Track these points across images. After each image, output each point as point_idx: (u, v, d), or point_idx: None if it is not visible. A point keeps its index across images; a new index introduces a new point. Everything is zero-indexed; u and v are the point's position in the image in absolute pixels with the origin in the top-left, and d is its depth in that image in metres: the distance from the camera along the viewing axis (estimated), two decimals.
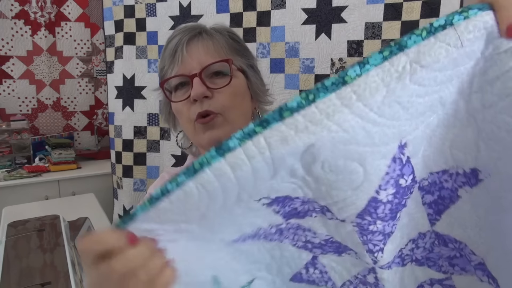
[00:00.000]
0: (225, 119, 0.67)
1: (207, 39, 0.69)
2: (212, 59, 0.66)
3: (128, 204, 2.08)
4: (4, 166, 2.48)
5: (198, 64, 0.67)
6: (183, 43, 0.67)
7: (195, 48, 0.67)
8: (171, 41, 0.69)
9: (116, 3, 2.01)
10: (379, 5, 1.42)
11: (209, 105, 0.66)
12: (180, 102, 0.68)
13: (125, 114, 2.03)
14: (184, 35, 0.68)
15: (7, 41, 2.63)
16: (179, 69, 0.67)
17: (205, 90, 0.65)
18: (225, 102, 0.67)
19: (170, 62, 0.68)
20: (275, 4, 1.61)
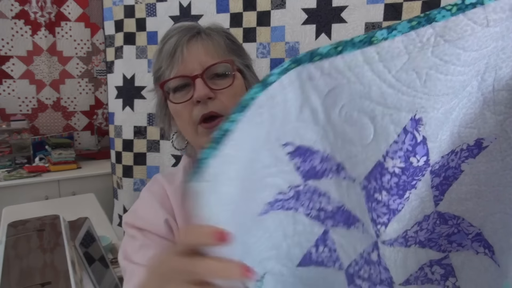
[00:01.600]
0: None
1: (206, 39, 0.68)
2: (212, 60, 0.66)
3: (128, 204, 2.08)
4: (4, 166, 2.48)
5: (199, 65, 0.66)
6: (183, 43, 0.66)
7: (195, 48, 0.67)
8: (168, 41, 0.68)
9: (116, 3, 2.01)
10: (379, 5, 1.42)
11: (213, 106, 0.66)
12: (181, 104, 0.67)
13: (125, 114, 2.03)
14: (183, 35, 0.67)
15: (7, 41, 2.63)
16: (179, 69, 0.66)
17: (208, 91, 0.65)
18: (228, 103, 0.66)
19: (169, 63, 0.67)
20: (275, 4, 1.61)
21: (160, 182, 0.78)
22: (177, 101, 0.67)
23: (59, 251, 0.73)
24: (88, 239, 0.94)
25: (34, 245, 0.75)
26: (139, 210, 0.76)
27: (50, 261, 0.70)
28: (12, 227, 0.82)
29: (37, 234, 0.79)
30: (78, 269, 0.75)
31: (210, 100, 0.65)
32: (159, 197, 0.75)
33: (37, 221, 0.85)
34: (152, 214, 0.73)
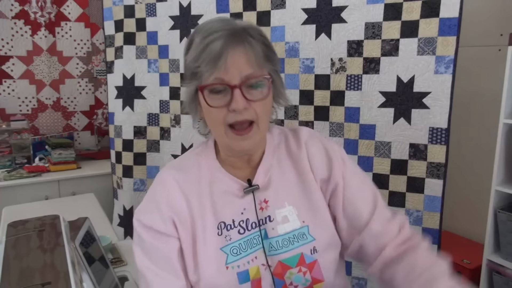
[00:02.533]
0: (258, 127, 0.74)
1: (248, 48, 0.71)
2: (251, 69, 0.70)
3: (128, 204, 2.08)
4: (4, 166, 2.48)
5: (239, 74, 0.70)
6: (227, 50, 0.69)
7: (238, 57, 0.70)
8: (213, 42, 0.69)
9: (116, 3, 2.01)
10: (379, 5, 1.42)
11: (247, 114, 0.71)
12: (217, 108, 0.72)
13: (125, 114, 2.03)
14: (228, 41, 0.69)
15: (7, 41, 2.63)
16: (220, 75, 0.70)
17: (245, 103, 0.70)
18: (260, 111, 0.73)
19: (210, 66, 0.69)
20: (275, 4, 1.61)
21: (170, 180, 0.80)
22: (213, 105, 0.72)
23: (59, 251, 0.73)
24: (88, 239, 0.94)
25: (34, 245, 0.75)
26: (147, 208, 0.79)
27: (50, 261, 0.70)
28: (12, 227, 0.82)
29: (37, 234, 0.79)
30: (78, 269, 0.75)
31: (245, 109, 0.71)
32: (167, 195, 0.79)
33: (37, 221, 0.84)
34: (158, 214, 0.77)
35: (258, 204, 0.79)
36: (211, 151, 0.84)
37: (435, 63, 1.36)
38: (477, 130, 2.10)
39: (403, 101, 1.42)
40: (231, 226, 0.77)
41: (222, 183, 0.81)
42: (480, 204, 2.06)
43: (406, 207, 1.46)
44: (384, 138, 1.47)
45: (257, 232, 0.77)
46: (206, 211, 0.78)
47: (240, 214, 0.78)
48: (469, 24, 1.93)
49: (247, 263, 0.75)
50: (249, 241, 0.77)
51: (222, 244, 0.76)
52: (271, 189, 0.80)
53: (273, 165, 0.83)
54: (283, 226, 0.78)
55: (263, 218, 0.78)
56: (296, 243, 0.77)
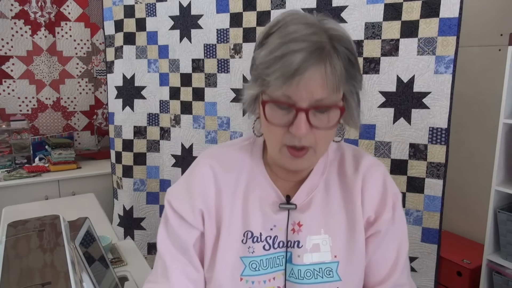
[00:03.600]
0: (314, 152, 0.67)
1: (329, 68, 0.61)
2: (325, 94, 0.62)
3: (128, 204, 2.08)
4: (4, 166, 2.48)
5: (310, 96, 0.61)
6: (305, 69, 0.60)
7: (314, 77, 0.61)
8: (292, 54, 0.60)
9: (116, 3, 2.01)
10: (379, 5, 1.42)
11: (306, 141, 0.64)
12: (276, 126, 0.65)
13: (125, 114, 2.03)
14: (309, 57, 0.60)
15: (7, 41, 2.63)
16: (289, 92, 0.62)
17: (307, 131, 0.62)
18: (320, 140, 0.66)
19: (281, 81, 0.61)
20: (275, 4, 1.61)
21: (209, 172, 0.76)
22: (273, 122, 0.65)
23: (59, 251, 0.73)
24: (88, 239, 0.94)
25: (34, 245, 0.75)
26: (180, 194, 0.77)
27: (50, 261, 0.70)
28: (12, 227, 0.82)
29: (37, 234, 0.79)
30: (78, 269, 0.75)
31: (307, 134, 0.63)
32: (202, 188, 0.75)
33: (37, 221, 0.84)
34: (190, 204, 0.74)
35: (291, 225, 0.73)
36: (258, 151, 0.78)
37: (435, 63, 1.36)
38: (477, 130, 2.10)
39: (403, 101, 1.42)
40: (257, 239, 0.72)
41: (261, 188, 0.75)
42: (480, 204, 2.06)
43: (406, 207, 1.46)
44: (384, 138, 1.47)
45: (282, 253, 0.72)
46: (236, 214, 0.74)
47: (269, 230, 0.72)
48: (469, 24, 1.93)
49: (263, 282, 0.71)
50: (272, 260, 0.72)
51: (243, 253, 0.72)
52: (310, 212, 0.73)
53: (319, 186, 0.75)
54: (311, 255, 0.71)
55: (292, 241, 0.72)
56: (320, 278, 0.70)
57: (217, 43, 1.76)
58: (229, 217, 0.73)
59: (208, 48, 1.79)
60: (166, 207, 0.77)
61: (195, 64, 1.84)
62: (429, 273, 1.46)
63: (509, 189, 1.66)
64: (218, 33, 1.75)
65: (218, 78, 1.79)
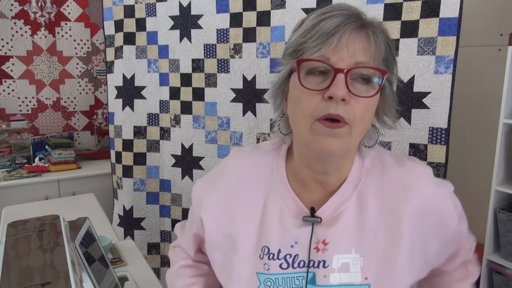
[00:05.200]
0: (349, 131, 0.59)
1: (371, 37, 0.58)
2: (366, 60, 0.58)
3: (128, 204, 2.08)
4: (4, 166, 2.48)
5: (350, 58, 0.57)
6: (346, 28, 0.56)
7: (355, 40, 0.57)
8: (330, 19, 0.57)
9: (116, 3, 2.01)
10: (379, 5, 1.42)
11: (343, 110, 0.57)
12: (310, 91, 0.58)
13: (125, 114, 2.03)
14: (348, 21, 0.57)
15: (7, 41, 2.63)
16: (328, 53, 0.57)
17: (347, 93, 0.56)
18: (359, 114, 0.58)
19: (319, 42, 0.57)
20: (275, 4, 1.61)
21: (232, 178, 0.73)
22: (308, 86, 0.58)
23: (59, 251, 0.73)
24: (88, 239, 0.94)
25: (34, 245, 0.75)
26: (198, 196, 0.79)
27: (50, 261, 0.70)
28: (12, 227, 0.82)
29: (37, 234, 0.79)
30: (78, 269, 0.75)
31: (343, 102, 0.57)
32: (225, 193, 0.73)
33: (37, 221, 0.84)
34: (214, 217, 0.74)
35: (314, 243, 0.65)
36: (281, 158, 0.72)
37: (435, 63, 1.36)
38: (477, 130, 2.10)
39: (403, 101, 1.42)
40: (274, 256, 0.66)
41: (281, 200, 0.68)
42: (480, 204, 2.06)
43: None
44: (384, 138, 1.47)
45: (303, 274, 0.65)
46: (252, 225, 0.69)
47: (290, 247, 0.66)
48: (469, 24, 1.93)
49: None
50: (290, 280, 0.65)
51: (259, 269, 0.66)
52: (337, 228, 0.65)
53: (351, 200, 0.66)
54: (338, 276, 0.64)
55: (315, 261, 0.65)
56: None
57: (217, 43, 1.76)
58: (244, 228, 0.69)
59: (208, 48, 1.79)
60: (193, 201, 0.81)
61: (195, 64, 1.84)
62: None
63: (509, 189, 1.66)
64: (218, 33, 1.75)
65: (218, 78, 1.79)
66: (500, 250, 1.73)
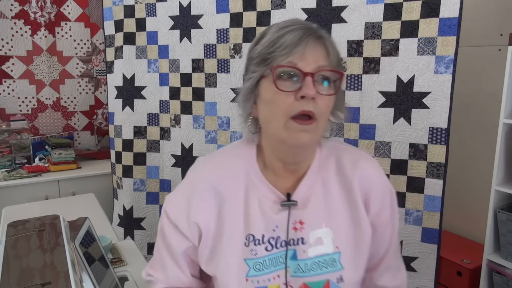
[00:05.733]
0: (317, 126, 0.70)
1: (329, 45, 0.71)
2: (327, 65, 0.70)
3: (128, 204, 2.08)
4: (4, 166, 2.48)
5: (314, 64, 0.68)
6: (308, 39, 0.68)
7: (317, 48, 0.69)
8: (292, 32, 0.68)
9: (116, 3, 2.01)
10: (379, 5, 1.42)
11: (313, 107, 0.68)
12: (286, 92, 0.68)
13: (125, 114, 2.03)
14: (309, 33, 0.69)
15: (7, 41, 2.63)
16: (296, 61, 0.68)
17: (316, 92, 0.67)
18: (324, 109, 0.70)
19: (287, 51, 0.67)
20: (275, 4, 1.61)
21: (207, 181, 0.79)
22: (284, 89, 0.68)
23: (59, 251, 0.73)
24: (88, 239, 0.94)
25: (34, 245, 0.75)
26: (177, 204, 0.81)
27: (50, 261, 0.70)
28: (12, 227, 0.82)
29: (37, 234, 0.79)
30: (78, 269, 0.75)
31: (313, 100, 0.68)
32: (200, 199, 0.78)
33: (37, 221, 0.84)
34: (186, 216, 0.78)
35: (292, 224, 0.76)
36: (252, 154, 0.81)
37: (435, 63, 1.36)
38: (477, 130, 2.10)
39: (403, 101, 1.42)
40: (259, 242, 0.75)
41: (259, 191, 0.78)
42: (480, 204, 2.06)
43: (406, 207, 1.46)
44: (384, 138, 1.47)
45: (283, 252, 0.75)
46: (237, 219, 0.77)
47: (272, 231, 0.76)
48: (469, 24, 1.93)
49: (268, 280, 0.74)
50: (274, 259, 0.75)
51: (247, 255, 0.75)
52: (310, 208, 0.77)
53: (317, 181, 0.79)
54: (315, 249, 0.75)
55: (295, 239, 0.76)
56: (324, 269, 0.75)
57: (217, 43, 1.76)
58: (231, 223, 0.76)
59: (208, 48, 1.79)
60: (163, 215, 0.82)
61: (195, 64, 1.84)
62: (429, 273, 1.46)
63: (509, 189, 1.66)
64: (218, 33, 1.75)
65: (218, 78, 1.79)
66: (500, 250, 1.73)
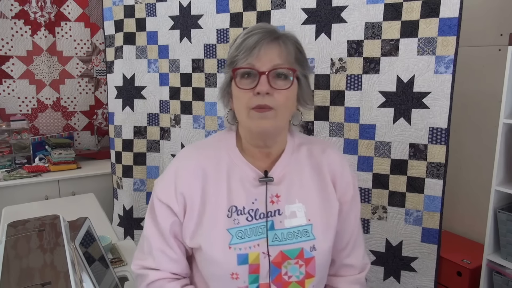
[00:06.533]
0: (276, 115, 0.81)
1: (282, 45, 0.82)
2: (281, 62, 0.81)
3: (128, 204, 2.08)
4: (4, 166, 2.48)
5: (269, 62, 0.80)
6: (263, 43, 0.80)
7: (271, 50, 0.80)
8: (251, 37, 0.80)
9: (116, 3, 2.01)
10: (379, 5, 1.42)
11: (268, 100, 0.79)
12: (244, 90, 0.81)
13: (125, 114, 2.03)
14: (265, 37, 0.80)
15: (7, 41, 2.63)
16: (252, 62, 0.80)
17: (268, 88, 0.79)
18: (281, 101, 0.81)
19: (246, 54, 0.80)
20: (275, 4, 1.61)
21: (192, 159, 0.90)
22: (241, 87, 0.81)
23: (59, 251, 0.73)
24: (88, 239, 0.94)
25: (34, 245, 0.75)
26: (165, 184, 0.88)
27: (50, 261, 0.70)
28: (12, 227, 0.82)
29: (37, 234, 0.79)
30: (78, 269, 0.75)
31: (268, 95, 0.79)
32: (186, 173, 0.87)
33: (37, 221, 0.84)
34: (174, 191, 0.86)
35: (269, 197, 0.86)
36: (232, 139, 0.91)
37: (435, 63, 1.36)
38: (477, 130, 2.10)
39: (403, 101, 1.42)
40: (241, 212, 0.85)
41: (240, 169, 0.88)
42: (480, 204, 2.06)
43: (406, 207, 1.46)
44: (384, 138, 1.47)
45: (263, 223, 0.85)
46: (221, 193, 0.86)
47: (251, 203, 0.85)
48: (469, 24, 1.93)
49: (249, 248, 0.82)
50: (255, 229, 0.84)
51: (230, 225, 0.83)
52: (285, 185, 0.87)
53: (291, 163, 0.90)
54: (290, 221, 0.85)
55: (272, 211, 0.86)
56: (299, 238, 0.85)
57: (217, 43, 1.76)
58: (214, 197, 0.85)
59: (208, 48, 1.79)
60: (153, 196, 0.89)
61: (195, 64, 1.84)
62: (429, 273, 1.46)
63: (509, 189, 1.66)
64: (218, 33, 1.75)
65: (218, 78, 1.79)
66: (500, 250, 1.73)
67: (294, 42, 0.85)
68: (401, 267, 1.50)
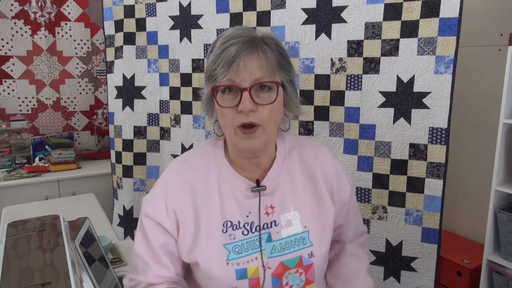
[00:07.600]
0: (263, 130, 0.77)
1: (262, 55, 0.75)
2: (262, 74, 0.75)
3: (128, 204, 2.08)
4: (4, 166, 2.48)
5: (249, 77, 0.74)
6: (241, 56, 0.73)
7: (250, 62, 0.74)
8: (229, 48, 0.74)
9: (116, 3, 2.01)
10: (379, 5, 1.42)
11: (254, 117, 0.75)
12: (227, 108, 0.76)
13: (125, 114, 2.03)
14: (243, 48, 0.74)
15: (7, 41, 2.63)
16: (232, 77, 0.74)
17: (252, 105, 0.74)
18: (266, 116, 0.76)
19: (225, 69, 0.74)
20: (275, 4, 1.61)
21: (181, 175, 0.85)
22: (223, 105, 0.77)
23: (59, 251, 0.73)
24: (88, 239, 0.94)
25: (34, 245, 0.75)
26: (155, 202, 0.84)
27: (50, 261, 0.70)
28: (12, 227, 0.82)
29: (37, 234, 0.79)
30: (78, 269, 0.75)
31: (252, 112, 0.75)
32: (176, 191, 0.84)
33: (37, 221, 0.84)
34: (165, 209, 0.83)
35: (263, 209, 0.84)
36: (220, 150, 0.88)
37: (435, 63, 1.36)
38: (477, 130, 2.10)
39: (403, 101, 1.42)
40: (236, 227, 0.82)
41: (230, 181, 0.84)
42: (480, 204, 2.06)
43: (406, 207, 1.46)
44: (384, 138, 1.47)
45: (257, 236, 0.83)
46: (214, 208, 0.83)
47: (246, 217, 0.83)
48: (469, 24, 1.93)
49: (247, 262, 0.80)
50: (251, 243, 0.82)
51: (226, 241, 0.81)
52: (278, 194, 0.85)
53: (282, 171, 0.87)
54: (286, 230, 0.84)
55: (268, 223, 0.83)
56: (297, 247, 0.83)
57: None
58: (208, 211, 0.82)
59: (208, 48, 1.79)
60: (141, 215, 0.85)
61: (195, 64, 1.84)
62: (429, 273, 1.46)
63: (509, 189, 1.66)
64: (218, 33, 1.75)
65: None
66: (500, 250, 1.73)
67: (275, 46, 0.79)
68: (401, 267, 1.50)
